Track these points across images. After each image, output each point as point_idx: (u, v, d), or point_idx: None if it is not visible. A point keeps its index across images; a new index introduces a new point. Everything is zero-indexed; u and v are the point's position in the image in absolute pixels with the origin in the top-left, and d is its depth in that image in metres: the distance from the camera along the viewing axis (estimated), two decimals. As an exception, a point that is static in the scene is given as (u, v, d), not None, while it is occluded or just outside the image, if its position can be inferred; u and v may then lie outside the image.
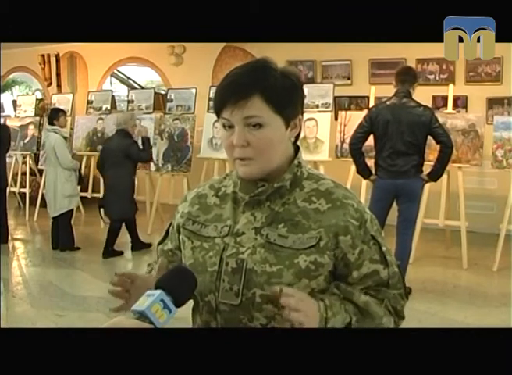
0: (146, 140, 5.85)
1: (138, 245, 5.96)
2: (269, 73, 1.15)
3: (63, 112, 6.19)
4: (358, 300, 1.17)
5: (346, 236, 1.15)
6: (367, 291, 1.19)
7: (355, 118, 5.52)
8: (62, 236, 5.96)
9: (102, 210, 5.84)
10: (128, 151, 5.59)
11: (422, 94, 4.59)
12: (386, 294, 1.20)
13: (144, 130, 6.12)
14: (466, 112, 6.33)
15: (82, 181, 6.27)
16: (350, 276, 1.18)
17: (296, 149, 1.24)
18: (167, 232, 1.37)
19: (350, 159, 4.76)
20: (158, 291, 1.04)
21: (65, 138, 5.95)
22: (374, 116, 4.32)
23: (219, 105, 1.15)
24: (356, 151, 4.40)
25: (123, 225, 5.89)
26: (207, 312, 1.21)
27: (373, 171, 4.45)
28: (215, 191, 1.28)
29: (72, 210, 6.00)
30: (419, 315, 3.98)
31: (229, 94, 1.13)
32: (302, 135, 1.32)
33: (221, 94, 1.15)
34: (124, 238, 6.04)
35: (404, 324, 1.23)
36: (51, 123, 5.96)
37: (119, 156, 5.57)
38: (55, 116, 5.96)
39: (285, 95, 1.15)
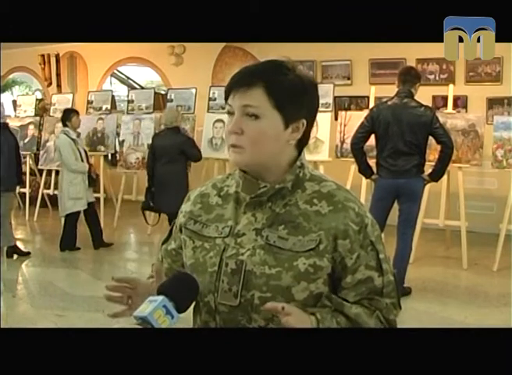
0: (191, 140, 5.88)
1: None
2: (280, 69, 1.15)
3: (75, 112, 6.12)
4: (349, 312, 1.15)
5: (344, 240, 1.14)
6: (360, 299, 1.17)
7: (355, 118, 5.52)
8: (64, 236, 5.93)
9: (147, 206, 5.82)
10: (183, 147, 5.60)
11: (422, 94, 4.59)
12: (379, 305, 1.18)
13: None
14: (466, 112, 6.33)
15: (93, 183, 6.09)
16: (344, 280, 1.16)
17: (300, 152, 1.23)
18: (170, 231, 1.36)
19: (350, 159, 4.76)
20: (161, 297, 1.04)
21: (73, 140, 5.84)
22: (375, 115, 4.33)
23: (226, 91, 1.17)
24: (357, 150, 4.41)
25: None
26: (206, 313, 1.21)
27: (374, 170, 4.46)
28: (217, 191, 1.28)
29: (78, 213, 5.88)
30: (419, 315, 3.98)
31: (236, 80, 1.15)
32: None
33: (229, 81, 1.17)
34: (125, 238, 6.04)
35: (404, 324, 1.23)
36: (64, 124, 5.91)
37: (175, 152, 5.57)
38: (67, 116, 5.92)
39: (289, 94, 1.14)
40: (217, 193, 1.27)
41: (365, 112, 4.73)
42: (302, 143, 1.21)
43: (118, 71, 10.36)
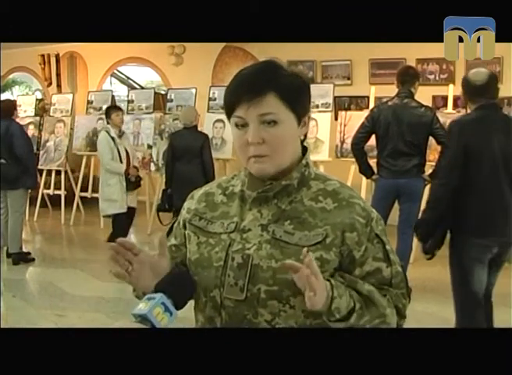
0: (209, 140, 5.82)
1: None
2: (280, 72, 1.17)
3: (116, 108, 5.94)
4: (362, 288, 1.17)
5: (352, 233, 1.16)
6: None
7: (355, 118, 5.52)
8: (111, 237, 5.74)
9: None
10: (204, 144, 5.53)
11: (422, 94, 4.59)
12: (389, 292, 1.20)
13: None
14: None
15: (131, 186, 5.82)
16: (353, 273, 1.18)
17: (304, 149, 1.25)
18: (171, 228, 1.37)
19: (350, 159, 4.76)
20: (159, 294, 1.05)
21: (112, 138, 5.64)
22: (376, 116, 4.33)
23: (233, 104, 1.16)
24: (358, 150, 4.41)
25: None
26: (211, 308, 1.21)
27: (375, 170, 4.46)
28: (222, 190, 1.29)
29: (121, 215, 5.66)
30: (418, 315, 3.98)
31: (244, 92, 1.14)
32: (302, 135, 1.32)
33: (234, 93, 1.16)
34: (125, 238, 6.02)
35: (404, 324, 1.23)
36: (107, 122, 5.81)
37: (196, 150, 5.49)
38: (107, 113, 5.80)
39: (297, 93, 1.17)
40: (222, 192, 1.29)
41: (365, 112, 4.73)
42: (305, 136, 1.26)
43: (118, 71, 10.36)
